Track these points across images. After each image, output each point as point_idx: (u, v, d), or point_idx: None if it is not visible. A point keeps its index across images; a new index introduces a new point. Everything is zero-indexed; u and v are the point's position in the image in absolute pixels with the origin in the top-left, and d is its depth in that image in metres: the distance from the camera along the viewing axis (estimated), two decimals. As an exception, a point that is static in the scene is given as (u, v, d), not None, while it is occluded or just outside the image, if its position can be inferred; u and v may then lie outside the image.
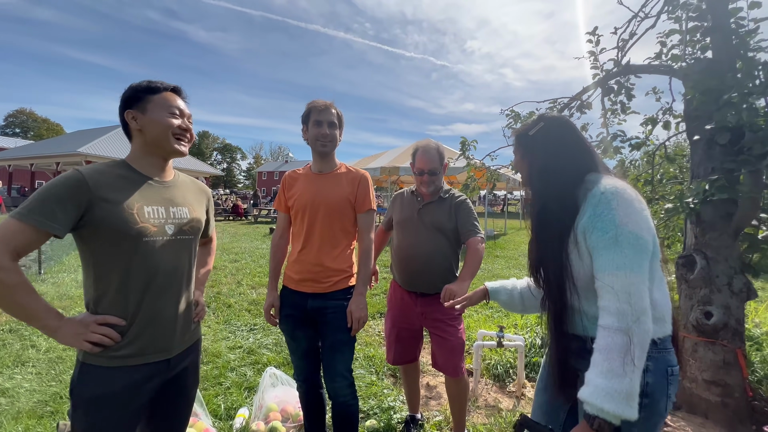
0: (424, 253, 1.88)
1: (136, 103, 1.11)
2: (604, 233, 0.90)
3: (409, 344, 2.05)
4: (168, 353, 1.13)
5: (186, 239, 1.18)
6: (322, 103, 1.60)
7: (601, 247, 0.90)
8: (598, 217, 0.92)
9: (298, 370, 1.72)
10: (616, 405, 0.80)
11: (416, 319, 1.97)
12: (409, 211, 1.98)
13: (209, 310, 4.10)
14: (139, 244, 1.04)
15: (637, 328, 0.83)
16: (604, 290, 0.89)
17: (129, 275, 1.04)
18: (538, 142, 1.09)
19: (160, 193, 1.14)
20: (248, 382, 2.54)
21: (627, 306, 0.85)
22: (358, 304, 1.55)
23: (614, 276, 0.87)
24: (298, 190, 1.66)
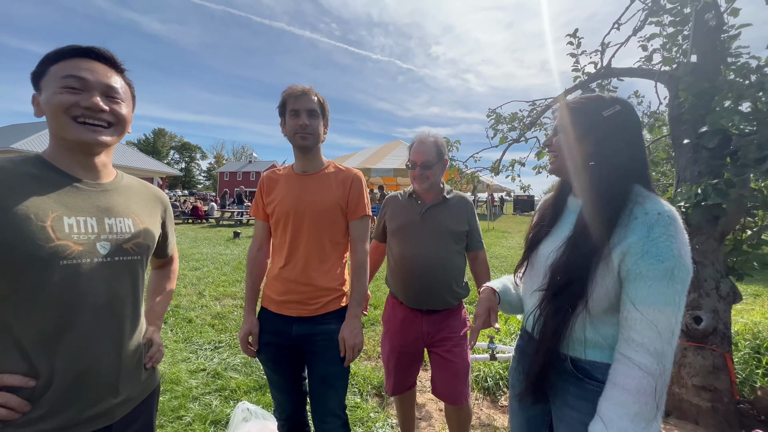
0: (434, 263, 1.62)
1: (38, 79, 0.81)
2: (658, 261, 0.78)
3: (409, 369, 1.79)
4: (108, 418, 0.84)
5: (128, 261, 0.88)
6: (299, 89, 1.33)
7: (651, 277, 0.78)
8: (653, 242, 0.79)
9: (279, 407, 1.45)
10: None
11: (419, 340, 1.71)
12: (408, 216, 1.71)
13: (166, 326, 3.66)
14: (54, 269, 0.74)
15: (668, 372, 0.78)
16: (641, 324, 0.79)
17: (40, 314, 0.74)
18: (611, 127, 0.89)
19: (91, 200, 0.84)
20: (214, 415, 2.20)
21: (669, 348, 0.78)
22: (352, 329, 1.31)
23: (661, 313, 0.78)
24: (279, 194, 1.39)
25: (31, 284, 0.73)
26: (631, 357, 0.79)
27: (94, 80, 0.82)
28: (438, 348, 1.69)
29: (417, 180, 1.69)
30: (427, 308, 1.67)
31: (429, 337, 1.69)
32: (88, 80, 0.81)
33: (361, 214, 1.42)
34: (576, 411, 0.90)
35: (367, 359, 3.11)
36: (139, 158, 20.10)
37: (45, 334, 0.75)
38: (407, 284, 1.68)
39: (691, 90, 2.14)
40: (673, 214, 0.82)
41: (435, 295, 1.64)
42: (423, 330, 1.68)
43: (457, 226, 1.67)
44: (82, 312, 0.78)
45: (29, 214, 0.74)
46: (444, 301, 1.65)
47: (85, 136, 0.81)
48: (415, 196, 1.74)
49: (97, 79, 0.82)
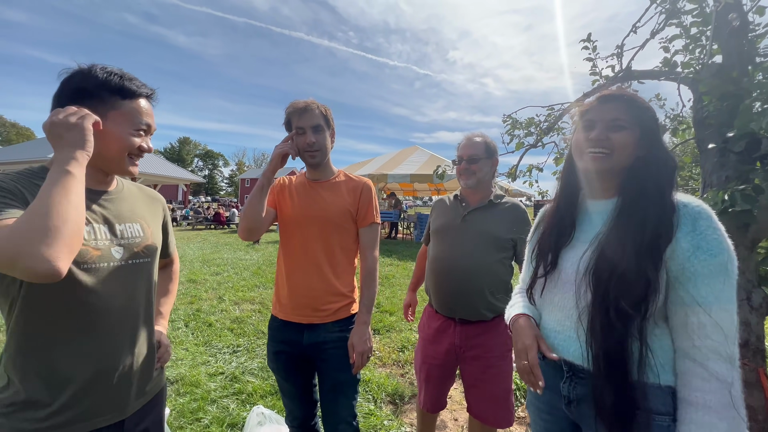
0: (467, 267, 1.53)
1: (92, 100, 0.84)
2: (712, 256, 0.73)
3: (441, 385, 1.67)
4: (120, 414, 0.89)
5: (141, 263, 0.93)
6: (301, 105, 1.34)
7: (706, 274, 0.73)
8: (701, 235, 0.75)
9: (291, 414, 1.47)
10: None
11: (451, 353, 1.59)
12: (450, 217, 1.65)
13: (187, 329, 3.77)
14: (75, 274, 0.79)
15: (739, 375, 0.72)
16: (709, 328, 0.73)
17: (62, 318, 0.79)
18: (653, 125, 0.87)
19: (101, 208, 0.90)
20: (231, 418, 2.25)
21: (736, 349, 0.72)
22: (360, 335, 1.32)
23: (724, 312, 0.73)
24: (291, 199, 1.42)
25: (58, 290, 0.78)
26: (705, 366, 0.72)
27: (153, 126, 0.95)
28: (470, 366, 1.58)
29: (463, 176, 1.62)
30: (460, 317, 1.58)
31: (461, 351, 1.58)
32: (151, 127, 0.94)
33: (371, 222, 1.43)
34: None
35: (382, 366, 3.11)
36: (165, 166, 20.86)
37: (68, 335, 0.80)
38: (438, 287, 1.62)
39: (714, 93, 2.06)
40: (710, 209, 0.80)
41: (466, 302, 1.55)
42: (454, 342, 1.58)
43: (501, 232, 1.56)
44: (101, 313, 0.83)
45: None
46: (476, 312, 1.55)
47: (133, 170, 0.94)
48: (461, 198, 1.69)
49: (154, 125, 0.96)
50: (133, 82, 0.89)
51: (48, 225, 0.62)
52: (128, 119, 0.87)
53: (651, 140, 0.86)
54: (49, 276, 0.62)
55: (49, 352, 0.79)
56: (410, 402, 2.57)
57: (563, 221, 0.98)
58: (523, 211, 1.64)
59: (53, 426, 0.78)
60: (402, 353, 3.33)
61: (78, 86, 0.84)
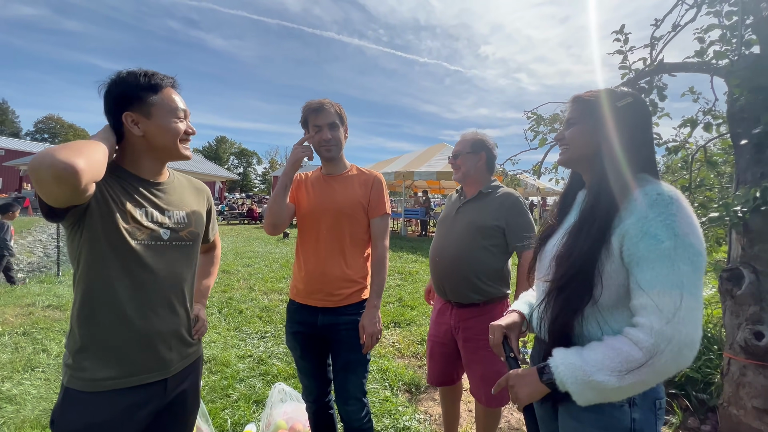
0: (453, 254, 1.69)
1: (136, 103, 0.98)
2: (658, 242, 0.74)
3: (444, 363, 1.82)
4: (164, 373, 1.03)
5: (184, 245, 1.07)
6: (316, 104, 1.47)
7: (652, 258, 0.74)
8: (650, 222, 0.76)
9: (307, 390, 1.60)
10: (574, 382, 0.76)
11: (449, 333, 1.76)
12: (449, 210, 1.86)
13: (220, 315, 4.04)
14: (129, 250, 0.94)
15: (670, 359, 0.70)
16: (646, 309, 0.74)
17: (118, 284, 0.94)
18: (623, 118, 0.89)
19: (155, 195, 1.05)
20: (257, 395, 2.43)
21: (673, 331, 0.70)
22: (371, 318, 1.42)
23: (666, 295, 0.72)
24: (306, 193, 1.55)
25: (117, 261, 0.94)
26: (627, 331, 0.76)
27: (188, 111, 1.07)
28: (465, 348, 1.71)
29: (453, 171, 1.81)
30: (454, 300, 1.73)
31: (456, 332, 1.73)
32: (186, 112, 1.07)
33: (381, 213, 1.52)
34: (580, 423, 0.86)
35: (401, 357, 3.20)
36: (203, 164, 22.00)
37: (121, 301, 0.95)
38: (432, 273, 1.82)
39: (746, 86, 1.96)
40: (675, 194, 0.79)
41: (454, 286, 1.70)
42: (451, 324, 1.74)
43: (486, 220, 1.66)
44: (148, 282, 0.98)
45: (114, 207, 0.94)
46: (465, 295, 1.68)
47: (187, 153, 1.07)
48: (460, 192, 1.86)
49: (187, 109, 1.08)
50: (156, 76, 1.00)
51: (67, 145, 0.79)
52: (167, 110, 1.00)
53: (604, 129, 0.90)
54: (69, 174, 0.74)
55: (105, 310, 0.94)
56: (426, 392, 2.65)
57: (555, 211, 1.08)
58: (513, 198, 1.71)
59: (108, 377, 0.93)
60: (421, 346, 3.40)
61: (119, 95, 0.97)
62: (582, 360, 0.77)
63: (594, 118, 0.92)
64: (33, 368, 2.72)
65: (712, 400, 2.42)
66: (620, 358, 0.73)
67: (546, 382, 0.81)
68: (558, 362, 0.80)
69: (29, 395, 2.37)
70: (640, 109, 0.92)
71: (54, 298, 4.39)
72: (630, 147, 0.88)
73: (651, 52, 2.80)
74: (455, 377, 1.88)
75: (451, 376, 1.86)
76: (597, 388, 0.74)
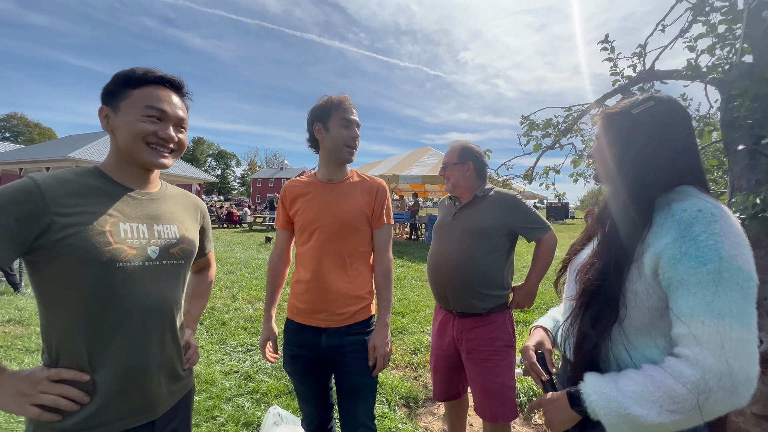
0: (454, 261, 1.64)
1: (111, 98, 0.87)
2: (700, 264, 0.67)
3: (448, 376, 1.76)
4: (152, 414, 0.89)
5: (174, 264, 0.93)
6: (347, 101, 1.36)
7: (693, 283, 0.67)
8: (692, 241, 0.68)
9: (308, 418, 1.46)
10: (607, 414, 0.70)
11: (452, 345, 1.69)
12: (444, 216, 1.81)
13: (202, 327, 3.81)
14: (111, 271, 0.80)
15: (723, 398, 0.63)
16: (689, 340, 0.67)
17: (97, 314, 0.79)
18: (641, 125, 0.82)
19: (142, 208, 0.91)
20: (246, 417, 2.26)
21: (724, 366, 0.63)
22: (383, 337, 1.31)
23: (712, 326, 0.65)
24: (304, 202, 1.41)
25: (95, 285, 0.79)
26: (669, 363, 0.69)
27: (172, 113, 0.90)
28: (468, 360, 1.65)
29: (445, 182, 1.79)
30: (456, 310, 1.67)
31: (459, 344, 1.67)
32: (167, 113, 0.89)
33: (386, 223, 1.42)
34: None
35: (395, 368, 3.09)
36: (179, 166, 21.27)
37: (100, 332, 0.80)
38: (432, 281, 1.76)
39: (746, 94, 1.98)
40: (720, 211, 0.71)
41: (455, 294, 1.64)
42: (454, 335, 1.68)
43: (488, 222, 1.63)
44: (134, 311, 0.84)
45: (92, 220, 0.80)
46: (467, 304, 1.62)
47: (155, 160, 0.90)
48: (454, 198, 1.82)
49: (174, 113, 0.91)
50: (142, 71, 0.88)
51: None
52: (135, 106, 0.86)
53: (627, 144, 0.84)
54: None
55: (80, 346, 0.79)
56: (424, 405, 2.54)
57: (589, 228, 1.02)
58: (510, 197, 1.69)
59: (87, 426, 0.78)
60: (415, 356, 3.30)
61: (104, 91, 0.88)
62: (617, 391, 0.71)
63: (613, 132, 0.86)
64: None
65: (709, 406, 2.43)
66: (661, 393, 0.67)
67: (577, 411, 0.76)
68: (590, 390, 0.74)
69: (-14, 426, 2.11)
70: (667, 113, 0.82)
71: (15, 311, 4.03)
72: (660, 156, 0.80)
73: (642, 59, 2.84)
74: (461, 390, 1.82)
75: (456, 390, 1.80)
76: (633, 423, 0.68)
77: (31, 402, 0.74)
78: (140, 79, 0.87)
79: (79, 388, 0.78)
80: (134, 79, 0.87)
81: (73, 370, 0.78)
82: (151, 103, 0.87)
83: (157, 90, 0.89)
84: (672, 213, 0.74)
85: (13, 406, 0.74)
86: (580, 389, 0.76)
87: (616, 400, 0.69)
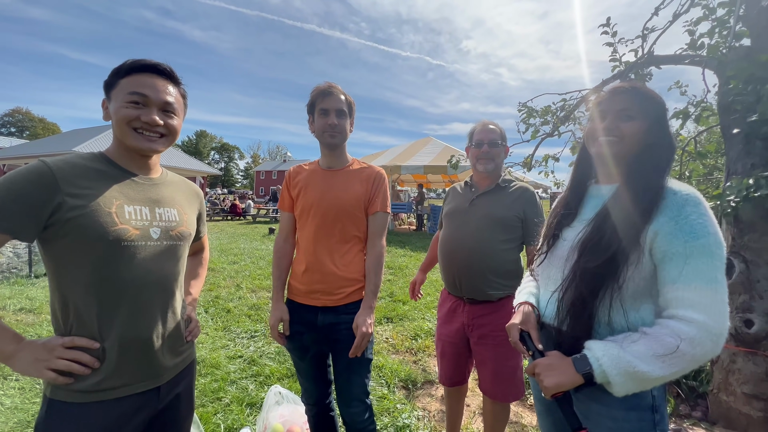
0: (471, 247, 1.61)
1: (107, 89, 0.94)
2: (693, 238, 0.78)
3: (455, 362, 1.76)
4: (156, 380, 0.96)
5: (174, 245, 0.99)
6: (328, 89, 1.40)
7: (687, 255, 0.78)
8: (685, 219, 0.79)
9: (306, 393, 1.53)
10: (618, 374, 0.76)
11: (461, 331, 1.69)
12: (460, 202, 1.74)
13: (207, 315, 3.91)
14: (116, 249, 0.86)
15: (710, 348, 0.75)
16: (684, 303, 0.77)
17: (104, 287, 0.86)
18: (664, 117, 0.91)
19: (145, 192, 0.97)
20: (250, 398, 2.34)
21: (714, 324, 0.75)
22: (364, 318, 1.35)
23: (704, 290, 0.76)
24: (305, 187, 1.46)
25: (102, 262, 0.85)
26: (667, 324, 0.78)
27: (154, 97, 0.93)
28: (477, 345, 1.65)
29: (482, 160, 1.67)
30: (468, 297, 1.66)
31: (469, 330, 1.67)
32: (149, 97, 0.92)
33: (381, 209, 1.46)
34: (606, 406, 0.88)
35: (395, 353, 3.16)
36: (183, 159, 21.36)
37: (107, 304, 0.86)
38: (445, 267, 1.72)
39: (740, 76, 1.98)
40: (700, 195, 0.83)
41: (470, 281, 1.62)
42: (464, 321, 1.68)
43: (506, 212, 1.61)
44: (137, 286, 0.90)
45: (99, 202, 0.86)
46: (481, 291, 1.61)
47: (141, 144, 0.93)
48: (471, 183, 1.77)
49: (158, 96, 0.93)
50: (133, 60, 0.92)
51: None
52: (120, 94, 0.91)
53: (659, 130, 0.90)
54: None
55: (91, 318, 0.85)
56: (423, 388, 2.62)
57: (569, 204, 1.05)
58: (531, 193, 1.68)
59: (97, 388, 0.85)
60: (415, 341, 3.37)
61: (104, 84, 0.95)
62: (624, 351, 0.78)
63: (652, 118, 0.90)
64: (6, 377, 2.55)
65: (702, 387, 2.48)
66: (663, 350, 0.75)
67: (583, 373, 0.81)
68: (599, 354, 0.80)
69: (2, 406, 2.21)
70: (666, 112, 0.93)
71: (26, 301, 4.14)
72: (667, 146, 0.91)
73: (642, 44, 2.82)
74: (466, 375, 1.84)
75: (463, 375, 1.82)
76: (640, 378, 0.76)
77: (48, 366, 0.80)
78: (128, 68, 0.92)
79: (90, 354, 0.85)
80: (122, 70, 0.92)
81: (85, 338, 0.85)
82: (133, 89, 0.90)
83: (143, 77, 0.92)
84: (664, 196, 0.84)
85: (32, 370, 0.80)
86: (587, 355, 0.82)
87: (625, 360, 0.76)
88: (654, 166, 0.88)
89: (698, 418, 2.30)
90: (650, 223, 0.82)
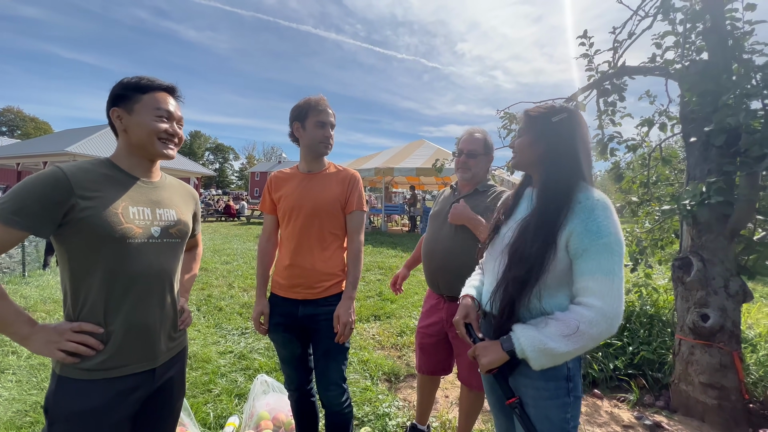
0: (443, 248, 1.76)
1: (122, 101, 1.05)
2: (598, 237, 0.93)
3: (433, 354, 1.90)
4: (152, 362, 1.08)
5: (172, 242, 1.12)
6: (322, 103, 1.54)
7: (593, 251, 0.93)
8: (593, 222, 0.94)
9: (289, 379, 1.65)
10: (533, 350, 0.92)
11: (439, 325, 1.82)
12: (443, 205, 1.88)
13: (199, 313, 4.01)
14: (122, 246, 0.99)
15: (605, 328, 0.90)
16: (588, 292, 0.93)
17: (111, 279, 0.98)
18: (559, 132, 1.05)
19: (147, 194, 1.09)
20: (239, 389, 2.46)
21: (609, 308, 0.90)
22: (346, 308, 1.48)
23: (603, 281, 0.91)
24: (286, 190, 1.60)
25: (109, 257, 0.98)
26: (573, 309, 0.94)
27: (174, 113, 1.11)
28: (458, 339, 1.75)
29: (461, 169, 1.80)
30: (447, 294, 1.79)
31: (447, 325, 1.79)
32: (172, 113, 1.10)
33: (357, 208, 1.59)
34: (530, 378, 1.03)
35: (381, 348, 3.29)
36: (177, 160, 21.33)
37: (113, 294, 0.99)
38: (425, 266, 1.88)
39: (695, 89, 2.15)
40: (608, 200, 0.98)
41: (446, 279, 1.76)
42: (442, 317, 1.81)
43: (483, 217, 1.69)
44: (139, 278, 1.03)
45: (107, 203, 0.99)
46: (456, 289, 1.66)
47: (166, 151, 1.10)
48: (455, 188, 1.90)
49: (176, 113, 1.12)
50: (148, 79, 1.08)
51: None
52: (148, 108, 1.05)
53: (546, 142, 1.06)
54: None
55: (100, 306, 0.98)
56: (405, 381, 2.75)
57: (508, 203, 1.22)
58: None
59: (102, 367, 0.98)
60: (400, 338, 3.50)
61: (114, 94, 1.06)
62: (539, 332, 0.94)
63: (535, 131, 1.09)
64: (2, 371, 2.64)
65: (665, 379, 2.64)
66: (568, 330, 0.91)
67: (507, 351, 0.98)
68: (519, 335, 0.97)
69: (0, 398, 2.31)
70: (576, 123, 1.07)
71: (20, 299, 4.22)
72: (572, 156, 1.04)
73: (614, 55, 2.99)
74: (446, 367, 1.94)
75: (437, 366, 1.93)
76: (550, 354, 0.92)
77: (58, 347, 0.93)
78: (148, 86, 1.07)
79: (95, 338, 0.97)
80: (143, 86, 1.07)
81: (91, 323, 0.98)
82: (160, 105, 1.07)
83: (163, 95, 1.09)
84: (579, 201, 0.99)
85: (44, 350, 0.93)
86: (511, 336, 0.98)
87: (538, 339, 0.93)
88: (551, 171, 1.04)
89: (661, 407, 2.45)
90: (565, 224, 0.97)
